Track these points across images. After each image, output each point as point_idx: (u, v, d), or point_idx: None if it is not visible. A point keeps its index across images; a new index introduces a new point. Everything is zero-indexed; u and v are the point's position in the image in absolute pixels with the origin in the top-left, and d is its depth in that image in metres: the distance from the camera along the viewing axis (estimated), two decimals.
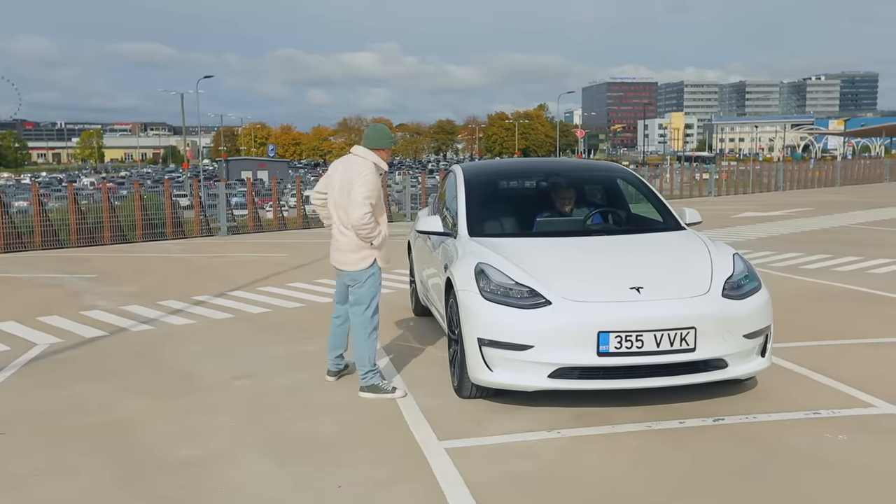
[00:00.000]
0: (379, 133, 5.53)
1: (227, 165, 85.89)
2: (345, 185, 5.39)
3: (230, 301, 9.36)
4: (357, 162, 5.44)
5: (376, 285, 5.52)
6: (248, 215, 21.06)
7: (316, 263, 12.69)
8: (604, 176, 7.01)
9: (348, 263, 5.46)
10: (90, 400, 5.55)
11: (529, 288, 4.80)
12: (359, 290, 5.47)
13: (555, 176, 6.69)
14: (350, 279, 5.51)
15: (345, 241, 5.45)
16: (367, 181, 5.29)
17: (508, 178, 6.93)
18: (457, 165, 6.93)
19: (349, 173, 5.40)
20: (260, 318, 8.40)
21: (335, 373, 5.91)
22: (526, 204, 6.36)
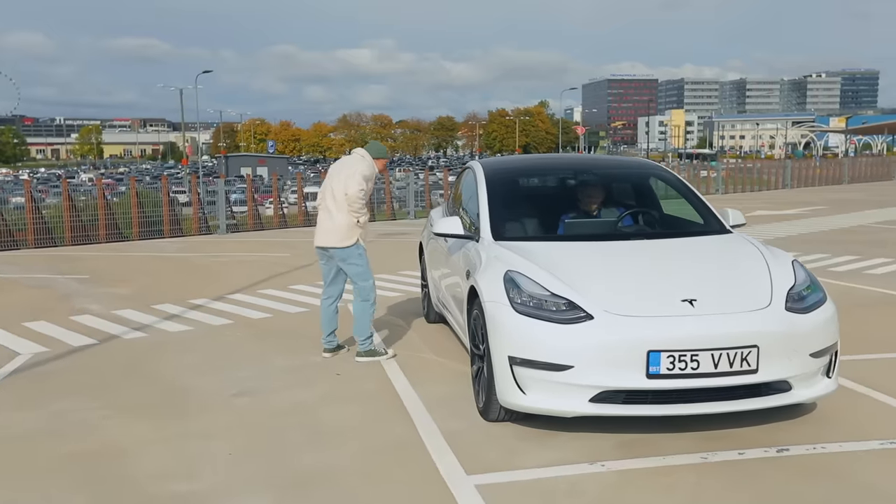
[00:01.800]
0: (377, 147, 6.48)
1: (227, 162, 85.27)
2: (341, 173, 6.20)
3: (229, 305, 8.81)
4: (357, 159, 6.31)
5: (364, 259, 6.26)
6: (248, 213, 20.51)
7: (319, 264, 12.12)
8: (637, 173, 6.45)
9: (335, 241, 6.16)
10: (72, 422, 4.99)
11: (567, 300, 4.25)
12: (356, 263, 6.22)
13: (584, 174, 6.13)
14: (340, 259, 6.24)
15: (331, 223, 6.17)
16: (364, 169, 6.16)
17: (533, 175, 6.37)
18: (475, 162, 6.38)
19: (346, 165, 6.27)
20: (261, 325, 7.85)
21: (330, 350, 6.48)
22: (554, 204, 5.80)
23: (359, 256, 6.20)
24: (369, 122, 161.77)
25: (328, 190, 6.22)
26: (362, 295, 6.26)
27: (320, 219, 6.29)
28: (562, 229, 5.61)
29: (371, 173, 6.19)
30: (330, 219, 6.16)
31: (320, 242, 6.28)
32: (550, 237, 5.39)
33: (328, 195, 6.22)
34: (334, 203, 6.15)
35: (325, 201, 6.24)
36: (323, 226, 6.24)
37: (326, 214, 6.20)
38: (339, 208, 6.12)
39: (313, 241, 6.39)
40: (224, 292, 9.64)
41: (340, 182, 6.11)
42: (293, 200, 37.43)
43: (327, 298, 6.47)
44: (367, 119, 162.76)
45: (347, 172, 6.11)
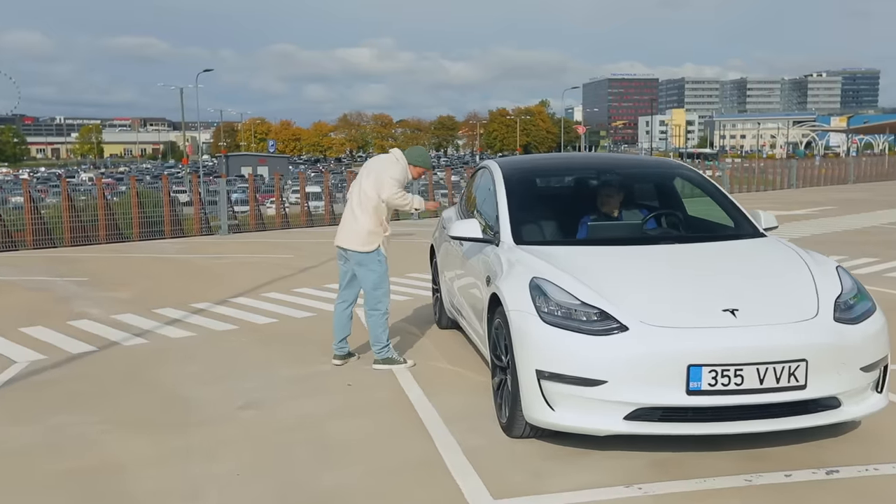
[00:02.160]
0: (421, 154, 6.13)
1: (227, 161, 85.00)
2: (371, 174, 5.91)
3: (232, 309, 8.52)
4: (391, 161, 5.99)
5: (382, 267, 5.92)
6: (250, 213, 20.22)
7: (324, 266, 11.84)
8: (661, 173, 6.16)
9: (356, 244, 5.84)
10: (70, 437, 4.71)
11: (599, 309, 3.96)
12: (373, 270, 5.87)
13: (607, 173, 5.84)
14: (356, 262, 5.89)
15: (355, 225, 5.85)
16: (396, 173, 5.86)
17: (553, 175, 6.07)
18: (491, 162, 6.10)
19: (380, 166, 5.95)
20: (266, 330, 7.56)
21: (341, 357, 6.18)
22: (576, 206, 5.51)
23: (377, 263, 5.87)
24: (370, 121, 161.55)
25: (356, 188, 5.94)
26: (371, 303, 5.95)
27: (344, 218, 5.98)
28: (584, 232, 5.32)
29: (403, 178, 5.86)
30: (353, 220, 5.86)
31: (340, 242, 5.97)
32: (574, 241, 5.10)
33: (355, 194, 5.93)
34: (359, 204, 5.85)
35: (352, 200, 5.94)
36: (346, 226, 5.94)
37: (350, 215, 5.90)
38: (363, 210, 5.82)
39: (334, 240, 6.09)
40: (227, 296, 9.35)
41: (370, 183, 5.82)
42: (294, 200, 37.27)
43: (342, 302, 6.16)
44: (368, 118, 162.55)
45: (378, 176, 5.81)
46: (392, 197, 5.77)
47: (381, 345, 5.98)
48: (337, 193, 27.82)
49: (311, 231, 19.15)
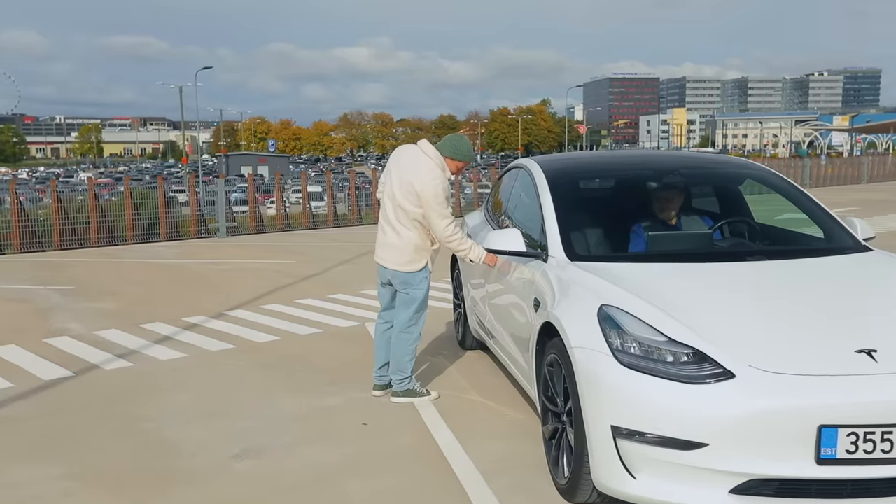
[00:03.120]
0: (460, 144, 5.02)
1: (227, 160, 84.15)
2: (404, 181, 4.87)
3: (229, 324, 7.65)
4: (422, 161, 4.89)
5: (427, 286, 5.08)
6: (249, 214, 19.36)
7: (328, 273, 10.98)
8: (730, 173, 5.27)
9: (400, 263, 4.97)
10: (23, 499, 3.84)
11: (693, 349, 3.10)
12: (419, 289, 5.02)
13: (668, 174, 4.96)
14: (401, 282, 5.02)
15: (397, 240, 4.95)
16: (437, 192, 4.77)
17: (604, 177, 5.17)
18: (529, 161, 5.23)
19: (409, 170, 4.88)
20: (266, 350, 6.69)
21: (382, 387, 5.31)
22: (633, 213, 4.64)
23: (424, 280, 5.00)
24: (370, 120, 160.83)
25: (389, 199, 4.95)
26: (403, 325, 5.06)
27: (383, 230, 5.03)
28: (641, 244, 4.45)
29: (446, 187, 4.78)
30: (395, 234, 4.93)
31: (382, 260, 5.05)
32: (640, 256, 4.22)
33: (390, 207, 4.94)
34: (398, 219, 4.90)
35: (386, 211, 4.97)
36: (386, 241, 4.99)
37: (390, 228, 4.96)
38: (405, 224, 4.89)
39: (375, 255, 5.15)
40: (223, 308, 8.49)
41: (404, 194, 4.82)
42: (294, 199, 36.41)
43: (384, 323, 5.28)
44: (369, 118, 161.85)
45: (411, 188, 4.78)
46: (445, 236, 4.78)
47: (403, 375, 5.12)
48: (338, 193, 26.98)
49: (314, 234, 18.29)
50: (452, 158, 4.95)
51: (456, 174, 5.04)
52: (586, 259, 4.03)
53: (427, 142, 5.02)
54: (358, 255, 13.15)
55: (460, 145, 4.97)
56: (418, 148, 4.97)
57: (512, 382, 5.34)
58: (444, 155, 4.92)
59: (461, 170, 5.05)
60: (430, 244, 4.96)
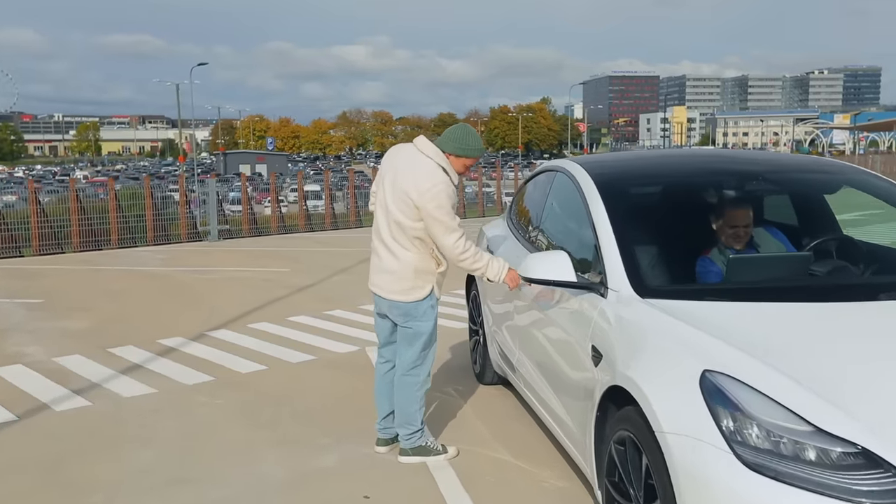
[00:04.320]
0: (465, 136, 3.94)
1: (225, 159, 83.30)
2: (398, 189, 3.88)
3: (210, 349, 6.66)
4: (420, 164, 3.89)
5: (435, 317, 4.07)
6: (243, 216, 18.38)
7: (324, 284, 9.99)
8: (823, 180, 4.25)
9: (399, 292, 3.97)
10: None
11: (859, 447, 2.10)
12: (424, 321, 4.01)
13: (752, 181, 3.95)
14: (402, 313, 4.02)
15: (394, 263, 3.95)
16: (440, 201, 3.78)
17: (670, 185, 4.11)
18: (568, 163, 4.23)
19: (404, 175, 3.89)
20: (250, 384, 5.70)
21: (387, 442, 4.31)
22: (704, 231, 3.65)
23: (430, 310, 4.00)
24: (370, 118, 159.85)
25: (382, 212, 3.97)
26: (407, 365, 4.07)
27: (377, 251, 4.05)
28: (713, 272, 3.47)
29: (452, 193, 3.81)
30: (391, 256, 3.95)
31: (377, 288, 4.07)
32: (739, 291, 3.16)
33: (383, 222, 3.96)
34: (392, 237, 3.92)
35: (380, 227, 4.00)
36: (381, 263, 4.02)
37: (384, 249, 3.98)
38: (401, 243, 3.90)
39: (368, 282, 4.14)
40: (205, 327, 7.50)
41: (398, 205, 3.84)
42: (293, 199, 35.43)
43: (385, 363, 4.28)
44: (368, 116, 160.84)
45: (407, 196, 3.80)
46: (455, 255, 3.82)
47: (412, 428, 4.13)
48: (336, 192, 26.03)
49: (310, 237, 17.32)
50: (457, 155, 3.90)
51: (463, 174, 3.99)
52: (662, 295, 3.03)
53: (425, 139, 3.96)
54: (356, 262, 12.17)
55: (465, 137, 3.91)
56: (414, 147, 3.94)
57: (546, 433, 4.36)
58: (446, 152, 3.90)
59: (469, 168, 3.99)
60: (436, 265, 3.96)
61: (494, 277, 3.90)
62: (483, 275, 3.93)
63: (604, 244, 3.35)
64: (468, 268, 3.92)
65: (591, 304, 3.23)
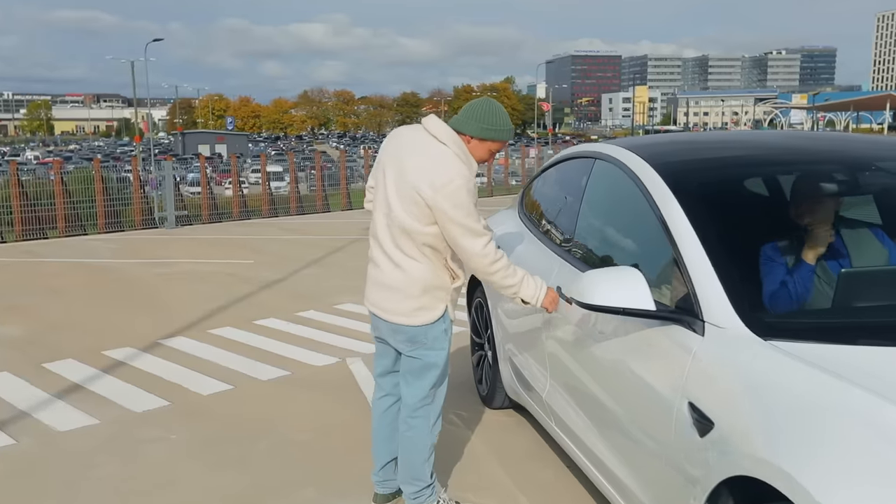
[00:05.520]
0: (490, 114, 3.02)
1: (184, 139, 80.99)
2: (406, 185, 2.97)
3: (165, 363, 5.72)
4: (433, 152, 2.98)
5: (448, 345, 3.20)
6: (202, 201, 17.24)
7: (294, 279, 9.04)
8: None
9: (403, 314, 3.10)
10: None
11: None
12: (424, 353, 3.14)
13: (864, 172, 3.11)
14: (407, 339, 3.14)
15: (398, 277, 3.08)
16: (460, 199, 2.89)
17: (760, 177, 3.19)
18: (612, 148, 3.36)
19: (413, 167, 2.97)
20: (214, 413, 4.78)
21: (386, 498, 3.44)
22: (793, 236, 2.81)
23: (442, 336, 3.12)
24: (331, 97, 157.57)
25: (383, 214, 3.07)
26: (414, 405, 3.18)
27: (375, 261, 3.15)
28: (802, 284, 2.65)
29: (468, 182, 2.90)
30: (393, 267, 3.06)
31: (375, 307, 3.18)
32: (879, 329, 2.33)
33: (382, 224, 3.07)
34: (394, 242, 3.04)
35: (378, 233, 3.11)
36: (381, 276, 3.12)
37: (384, 259, 3.09)
38: (407, 252, 3.02)
39: (364, 299, 3.25)
40: (160, 333, 6.54)
41: (404, 204, 2.95)
42: (254, 179, 34.19)
43: (385, 397, 3.38)
44: (330, 95, 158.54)
45: (418, 194, 2.90)
46: (484, 265, 2.96)
47: (421, 485, 3.24)
48: (300, 172, 24.91)
49: (275, 223, 16.26)
50: (481, 138, 3.00)
51: (487, 162, 3.11)
52: (794, 334, 2.17)
53: (437, 119, 3.07)
54: (327, 252, 11.23)
55: (490, 116, 2.99)
56: (424, 130, 3.04)
57: (579, 477, 3.52)
58: (465, 134, 3.01)
59: (494, 154, 3.11)
60: (451, 279, 3.10)
61: (531, 299, 3.04)
62: (515, 294, 3.06)
63: (690, 260, 2.49)
64: (498, 283, 3.04)
65: (678, 343, 2.38)
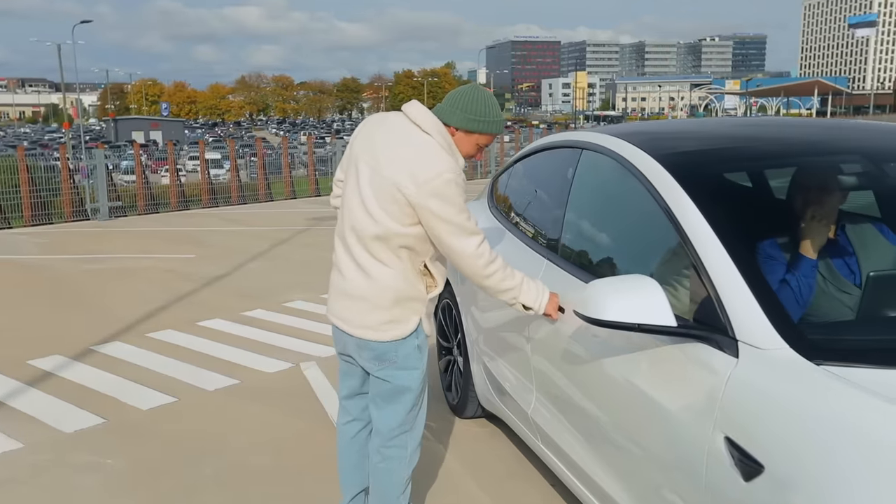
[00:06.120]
0: (478, 103, 2.63)
1: (116, 125, 78.34)
2: (383, 179, 2.55)
3: (100, 373, 5.21)
4: (417, 143, 2.58)
5: (423, 364, 2.77)
6: (138, 192, 16.43)
7: (239, 274, 8.54)
8: None
9: (371, 327, 2.67)
10: None
11: None
12: (394, 374, 2.71)
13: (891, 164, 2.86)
14: (374, 357, 2.72)
15: (365, 285, 2.65)
16: (449, 195, 2.50)
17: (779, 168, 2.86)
18: (603, 137, 3.03)
19: (392, 159, 2.56)
20: (155, 430, 4.31)
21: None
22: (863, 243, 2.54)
23: (415, 353, 2.71)
24: (270, 83, 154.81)
25: (350, 211, 2.65)
26: (387, 434, 2.79)
27: (340, 265, 2.72)
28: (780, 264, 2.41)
29: (457, 177, 2.50)
30: (360, 273, 2.65)
31: (338, 320, 2.75)
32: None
33: (349, 223, 2.65)
34: (362, 245, 2.62)
35: (345, 233, 2.68)
36: (345, 285, 2.70)
37: (351, 263, 2.67)
38: (378, 256, 2.61)
39: (327, 310, 2.83)
40: (94, 339, 6.01)
41: (381, 200, 2.55)
42: (191, 167, 33.11)
43: (352, 422, 2.96)
44: (268, 80, 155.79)
45: (393, 190, 2.51)
46: (477, 267, 2.58)
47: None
48: (239, 160, 24.11)
49: (216, 214, 15.60)
50: (467, 130, 2.62)
51: (475, 157, 2.74)
52: (847, 355, 1.87)
53: (419, 106, 2.65)
54: (273, 244, 10.72)
55: (479, 105, 2.61)
56: (405, 118, 2.63)
57: (564, 495, 3.21)
58: (451, 125, 2.62)
59: (482, 149, 2.72)
60: (427, 288, 2.71)
61: (534, 304, 2.69)
62: (514, 300, 2.69)
63: (712, 266, 2.17)
64: (495, 288, 2.65)
65: (703, 364, 2.06)
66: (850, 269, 2.61)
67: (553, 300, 2.71)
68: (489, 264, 2.59)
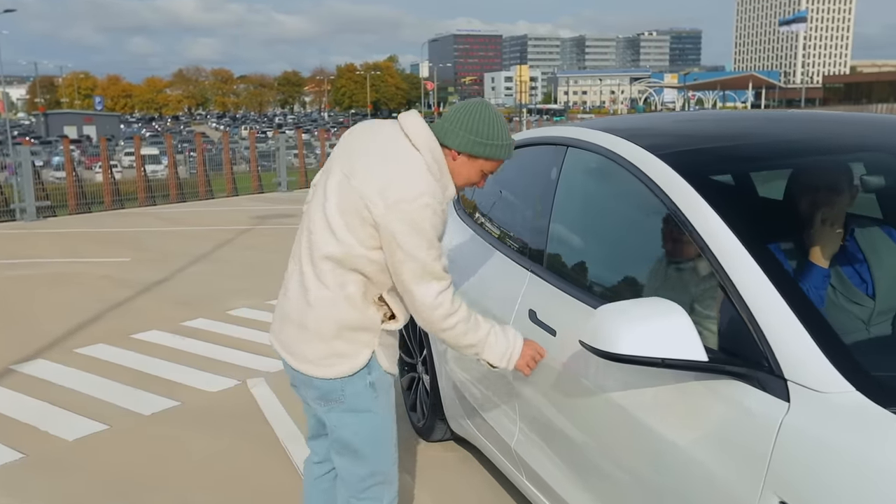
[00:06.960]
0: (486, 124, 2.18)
1: (46, 120, 75.49)
2: (352, 189, 2.13)
3: (19, 397, 4.67)
4: (401, 156, 2.15)
5: (383, 406, 2.32)
6: (69, 190, 15.57)
7: (178, 279, 7.98)
8: None
9: (311, 360, 2.25)
10: None
11: None
12: (342, 418, 2.29)
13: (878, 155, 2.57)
14: (319, 397, 2.30)
15: (305, 310, 2.23)
16: (419, 224, 2.08)
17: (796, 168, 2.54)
18: (593, 133, 2.68)
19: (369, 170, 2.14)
20: (81, 465, 3.82)
21: None
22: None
23: (366, 393, 2.27)
24: (209, 76, 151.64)
25: (314, 222, 2.21)
26: (355, 488, 2.37)
27: (288, 288, 2.32)
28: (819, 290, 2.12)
29: (437, 205, 2.09)
30: (302, 295, 2.23)
31: (281, 348, 2.37)
32: None
33: (306, 238, 2.24)
34: (311, 263, 2.21)
35: (300, 249, 2.26)
36: (287, 307, 2.31)
37: (296, 282, 2.27)
38: (323, 277, 2.19)
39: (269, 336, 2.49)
40: (14, 356, 5.44)
41: (342, 210, 2.14)
42: (127, 163, 31.97)
43: (319, 463, 2.59)
44: (207, 74, 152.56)
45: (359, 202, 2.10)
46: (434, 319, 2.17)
47: None
48: (178, 155, 23.28)
49: (154, 213, 14.86)
50: (471, 154, 2.19)
51: (477, 185, 2.30)
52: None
53: (417, 118, 2.22)
54: (215, 245, 10.15)
55: (486, 126, 2.17)
56: (398, 129, 2.21)
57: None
58: (452, 148, 2.20)
59: (487, 176, 2.29)
60: (382, 317, 2.28)
61: (500, 361, 2.28)
62: (477, 356, 2.28)
63: (746, 286, 1.83)
64: (452, 343, 2.24)
65: (744, 409, 1.71)
66: (862, 278, 2.33)
67: (526, 352, 2.31)
68: (448, 317, 2.16)
